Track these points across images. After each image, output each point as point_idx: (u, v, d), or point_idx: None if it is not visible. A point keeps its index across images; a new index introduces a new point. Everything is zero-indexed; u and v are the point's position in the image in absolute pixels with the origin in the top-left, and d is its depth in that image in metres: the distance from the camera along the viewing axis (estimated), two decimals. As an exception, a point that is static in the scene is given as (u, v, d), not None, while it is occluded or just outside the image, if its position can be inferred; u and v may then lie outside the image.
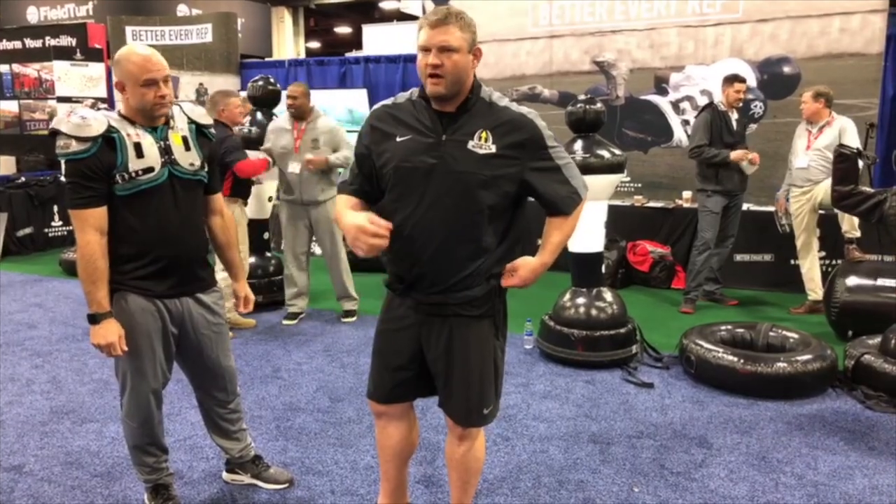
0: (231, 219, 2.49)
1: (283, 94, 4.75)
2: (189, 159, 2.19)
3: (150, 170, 2.09)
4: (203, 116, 2.30)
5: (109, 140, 2.05)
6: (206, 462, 2.81)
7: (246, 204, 4.51)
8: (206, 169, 2.25)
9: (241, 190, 4.41)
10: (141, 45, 2.17)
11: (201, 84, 8.28)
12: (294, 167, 4.48)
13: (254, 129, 4.87)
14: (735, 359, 3.44)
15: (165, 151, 2.13)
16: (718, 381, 3.50)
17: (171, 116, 2.20)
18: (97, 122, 2.04)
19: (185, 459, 2.83)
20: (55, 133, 2.04)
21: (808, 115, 4.75)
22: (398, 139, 1.84)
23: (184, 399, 3.44)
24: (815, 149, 4.71)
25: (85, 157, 2.01)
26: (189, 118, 2.26)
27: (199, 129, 2.28)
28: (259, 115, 5.00)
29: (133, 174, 2.06)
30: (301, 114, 4.51)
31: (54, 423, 3.16)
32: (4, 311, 5.05)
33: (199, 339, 2.29)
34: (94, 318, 2.08)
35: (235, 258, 2.50)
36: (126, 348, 2.11)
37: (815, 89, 4.74)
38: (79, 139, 2.01)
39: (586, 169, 3.89)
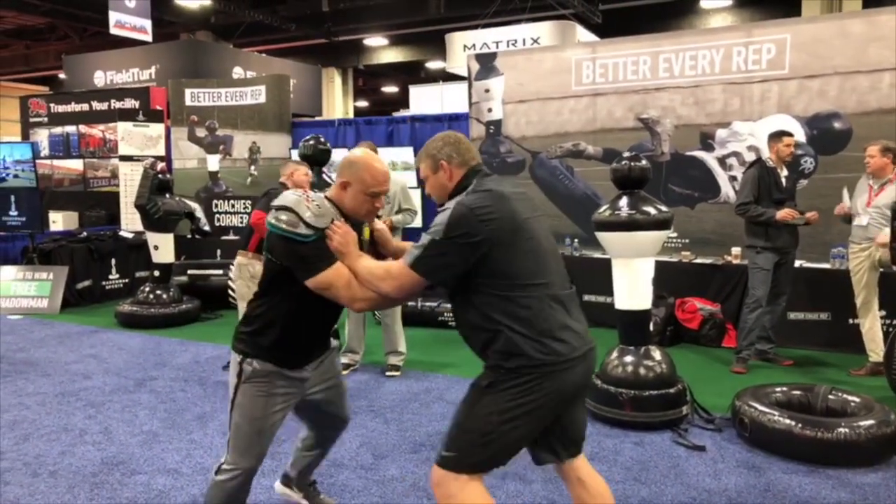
0: None
1: (334, 152, 4.95)
2: None
3: None
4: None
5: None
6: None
7: None
8: None
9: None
10: (378, 159, 2.19)
11: (254, 142, 8.60)
12: None
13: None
14: (792, 423, 3.30)
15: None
16: (775, 446, 3.36)
17: None
18: (329, 215, 2.07)
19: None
20: (284, 209, 2.03)
21: (873, 169, 4.58)
22: None
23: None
24: (875, 206, 4.57)
25: (305, 242, 2.02)
26: None
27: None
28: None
29: None
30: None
31: (104, 475, 3.22)
32: (61, 362, 5.21)
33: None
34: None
35: None
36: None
37: (882, 144, 4.56)
38: (308, 224, 2.01)
39: (633, 226, 3.89)
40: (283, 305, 2.14)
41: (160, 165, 6.75)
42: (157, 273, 6.59)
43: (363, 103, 24.00)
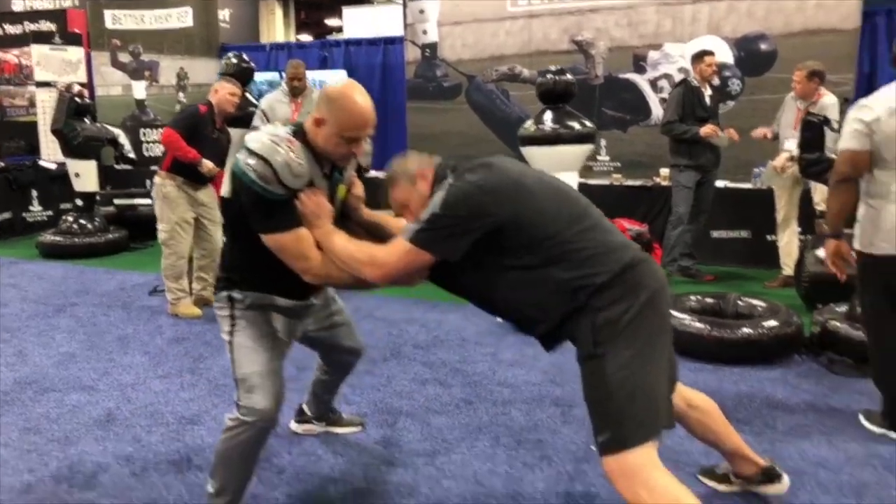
0: None
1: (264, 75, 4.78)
2: None
3: None
4: (365, 159, 2.16)
5: None
6: (165, 427, 2.80)
7: (193, 185, 4.23)
8: None
9: (181, 168, 4.13)
10: (363, 91, 1.90)
11: (182, 68, 8.22)
12: None
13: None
14: (702, 326, 3.44)
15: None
16: (686, 348, 3.48)
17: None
18: (307, 176, 1.85)
19: (144, 424, 2.82)
20: (254, 153, 1.79)
21: (801, 94, 4.60)
22: None
23: (150, 370, 3.43)
24: None
25: (272, 199, 1.81)
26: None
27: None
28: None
29: None
30: (300, 90, 4.94)
31: (16, 393, 3.14)
32: (-23, 291, 5.02)
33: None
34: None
35: None
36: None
37: (808, 68, 4.53)
38: (282, 184, 1.79)
39: (557, 140, 3.90)
40: (260, 244, 1.88)
41: (77, 88, 6.41)
42: (79, 202, 6.34)
43: (307, 37, 23.13)
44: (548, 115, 3.95)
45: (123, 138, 6.41)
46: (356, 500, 2.27)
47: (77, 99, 6.09)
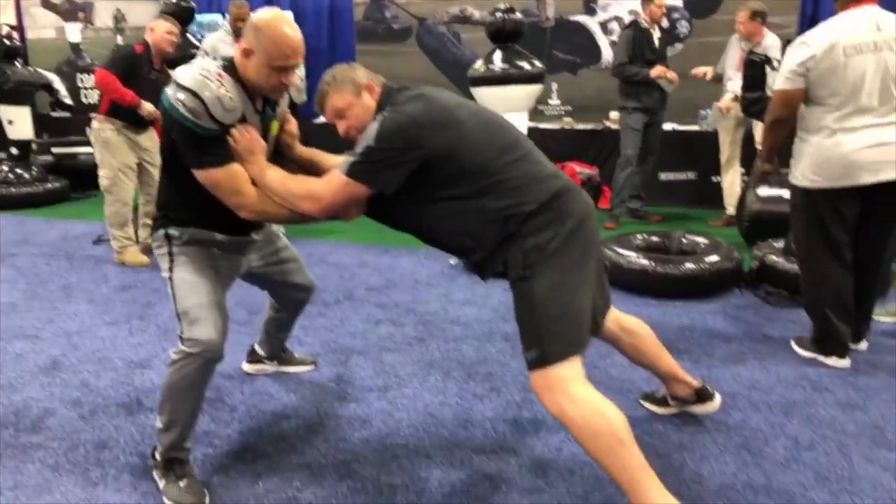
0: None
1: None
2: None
3: None
4: (298, 96, 2.15)
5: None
6: (113, 372, 2.77)
7: (134, 129, 4.11)
8: None
9: (120, 111, 4.00)
10: (290, 20, 1.85)
11: (118, 9, 7.84)
12: None
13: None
14: (647, 262, 3.55)
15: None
16: (632, 285, 3.60)
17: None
18: (238, 111, 1.82)
19: (92, 370, 2.78)
20: (183, 87, 1.74)
21: (745, 34, 4.65)
22: None
23: (96, 317, 3.37)
24: None
25: (203, 135, 1.78)
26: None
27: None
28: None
29: None
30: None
31: (-45, 343, 3.06)
32: None
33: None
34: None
35: None
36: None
37: (750, 9, 4.58)
38: (213, 118, 1.76)
39: (507, 80, 3.88)
40: (195, 179, 1.85)
41: (5, 30, 6.06)
42: (14, 151, 6.07)
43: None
44: (497, 55, 3.92)
45: (59, 83, 6.12)
46: (309, 434, 2.31)
47: (6, 41, 5.77)
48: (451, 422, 2.37)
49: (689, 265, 3.51)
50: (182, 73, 1.79)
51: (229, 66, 1.85)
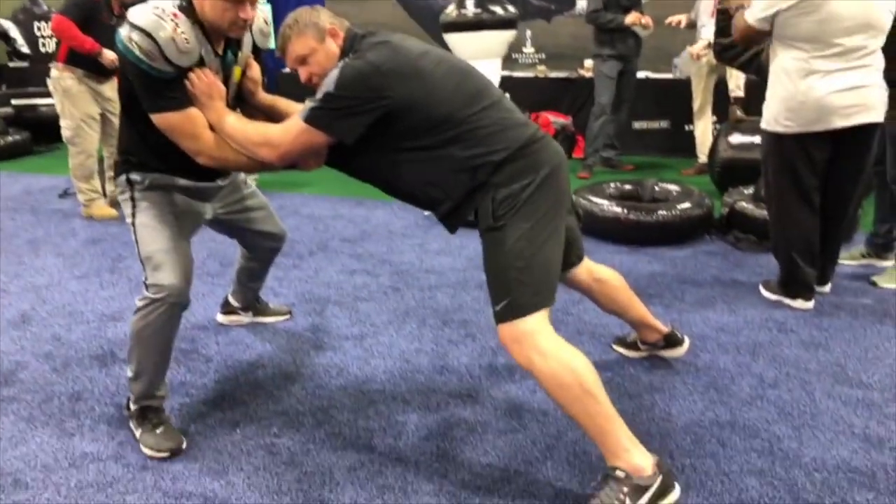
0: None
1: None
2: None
3: None
4: (263, 41, 2.04)
5: None
6: (85, 325, 2.74)
7: (96, 77, 3.99)
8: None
9: (80, 59, 3.89)
10: None
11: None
12: None
13: None
14: (620, 210, 3.57)
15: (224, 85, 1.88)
16: (605, 233, 3.63)
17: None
18: (195, 53, 1.76)
19: (63, 323, 2.75)
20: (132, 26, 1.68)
21: None
22: None
23: (65, 271, 3.32)
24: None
25: (159, 77, 1.73)
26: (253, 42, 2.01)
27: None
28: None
29: None
30: None
31: (-80, 299, 3.00)
32: None
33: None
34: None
35: None
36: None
37: None
38: (168, 60, 1.70)
39: (479, 25, 3.82)
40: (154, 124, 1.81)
41: None
42: (-29, 103, 5.86)
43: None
44: (470, 1, 3.84)
45: (15, 32, 5.91)
46: (286, 382, 2.32)
47: (-45, -15, 5.50)
48: (426, 368, 2.40)
49: (661, 212, 3.55)
50: (136, 13, 1.72)
51: (186, 6, 1.78)
